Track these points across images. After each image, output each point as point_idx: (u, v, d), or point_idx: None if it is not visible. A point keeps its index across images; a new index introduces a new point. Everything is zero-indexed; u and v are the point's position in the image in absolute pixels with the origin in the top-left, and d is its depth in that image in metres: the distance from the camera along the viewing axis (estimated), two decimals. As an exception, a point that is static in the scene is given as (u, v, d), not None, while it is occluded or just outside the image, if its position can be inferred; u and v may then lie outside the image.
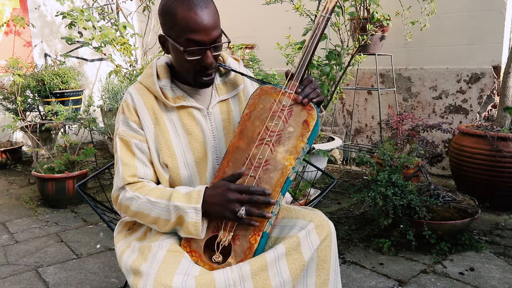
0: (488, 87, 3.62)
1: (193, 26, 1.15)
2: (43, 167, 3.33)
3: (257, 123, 1.24)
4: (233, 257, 1.16)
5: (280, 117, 1.23)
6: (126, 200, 1.25)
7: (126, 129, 1.29)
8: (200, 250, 1.19)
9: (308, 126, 1.21)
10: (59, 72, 4.34)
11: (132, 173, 1.26)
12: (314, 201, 1.77)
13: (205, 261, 1.18)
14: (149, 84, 1.30)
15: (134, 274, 1.14)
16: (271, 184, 1.18)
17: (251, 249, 1.15)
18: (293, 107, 1.23)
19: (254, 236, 1.16)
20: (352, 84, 4.30)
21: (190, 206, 1.16)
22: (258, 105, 1.26)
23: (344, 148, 4.30)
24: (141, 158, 1.28)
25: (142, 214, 1.23)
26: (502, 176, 2.87)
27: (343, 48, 2.82)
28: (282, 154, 1.20)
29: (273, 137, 1.22)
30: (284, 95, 1.25)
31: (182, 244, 1.22)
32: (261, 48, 4.84)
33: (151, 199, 1.21)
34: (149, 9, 3.89)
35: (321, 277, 1.19)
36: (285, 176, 1.18)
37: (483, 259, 2.32)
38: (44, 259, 2.46)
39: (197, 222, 1.15)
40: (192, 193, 1.18)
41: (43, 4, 5.17)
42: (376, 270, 2.24)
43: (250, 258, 1.14)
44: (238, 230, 1.18)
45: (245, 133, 1.24)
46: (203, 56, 1.20)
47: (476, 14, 3.62)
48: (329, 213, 3.03)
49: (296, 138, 1.21)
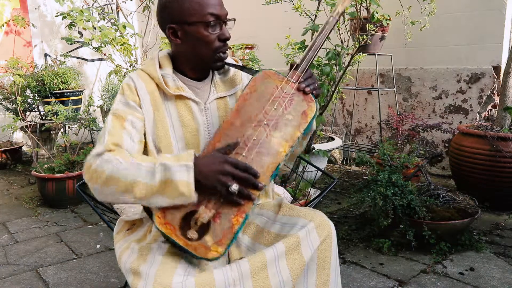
0: (488, 87, 3.62)
1: (210, 1, 1.24)
2: (43, 167, 3.33)
3: (256, 105, 1.23)
4: (211, 236, 1.11)
5: (280, 104, 1.23)
6: (103, 163, 1.13)
7: (123, 107, 1.27)
8: (176, 223, 1.12)
9: (307, 117, 1.22)
10: (59, 72, 4.34)
11: (117, 142, 1.19)
12: (314, 201, 1.77)
13: (179, 236, 1.11)
14: (151, 71, 1.31)
15: (134, 275, 1.14)
16: (263, 168, 1.16)
17: (232, 230, 1.11)
18: (294, 96, 1.24)
19: (237, 217, 1.12)
20: (352, 84, 4.30)
21: (182, 163, 1.11)
22: (260, 87, 1.25)
23: (344, 148, 4.30)
24: (132, 133, 1.23)
25: (117, 179, 1.11)
26: (502, 176, 2.87)
27: (343, 48, 2.82)
28: (278, 139, 1.19)
29: (271, 121, 1.20)
30: (287, 83, 1.25)
31: (156, 215, 1.13)
32: (261, 48, 4.84)
33: (134, 161, 1.13)
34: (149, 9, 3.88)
35: (322, 277, 1.20)
36: (277, 163, 1.18)
37: (483, 259, 2.32)
38: (44, 259, 2.46)
39: (189, 180, 1.09)
40: (181, 154, 1.15)
41: (43, 4, 5.17)
42: (376, 270, 2.24)
43: (228, 240, 1.10)
44: (221, 208, 1.13)
45: (242, 112, 1.22)
46: (221, 30, 1.27)
47: (476, 14, 3.62)
48: (329, 213, 3.03)
49: (294, 126, 1.21)
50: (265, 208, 1.37)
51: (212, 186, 1.12)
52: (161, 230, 1.11)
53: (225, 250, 1.11)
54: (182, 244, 1.10)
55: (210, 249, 1.10)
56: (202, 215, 1.12)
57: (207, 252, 1.10)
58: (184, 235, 1.11)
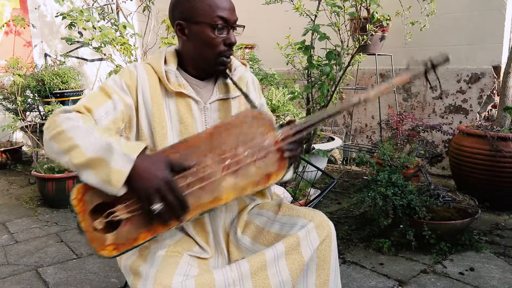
0: (488, 87, 3.61)
1: (221, 5, 1.25)
2: (43, 167, 3.33)
3: (231, 140, 1.15)
4: (114, 236, 1.07)
5: (253, 152, 1.15)
6: (65, 119, 1.12)
7: (114, 86, 1.26)
8: (89, 205, 1.09)
9: (268, 181, 1.14)
10: (59, 72, 4.33)
11: (89, 107, 1.18)
12: (314, 201, 1.77)
13: (86, 218, 1.08)
14: (156, 65, 1.31)
15: (134, 275, 1.14)
16: (197, 203, 1.10)
17: (134, 242, 1.07)
18: (271, 153, 1.15)
19: (146, 233, 1.07)
20: (352, 84, 4.30)
21: (125, 152, 1.05)
22: (245, 123, 1.17)
23: (344, 148, 4.30)
24: (108, 111, 1.21)
25: (65, 138, 1.08)
26: (502, 176, 2.87)
27: (343, 48, 2.82)
28: (228, 185, 1.12)
29: (234, 164, 1.13)
30: (272, 136, 1.17)
31: (77, 188, 1.11)
32: (261, 48, 4.84)
33: (89, 128, 1.10)
34: (149, 9, 3.88)
35: (321, 277, 1.20)
36: (212, 207, 1.11)
37: (483, 259, 2.32)
38: (44, 259, 2.46)
39: (122, 169, 1.04)
40: (132, 144, 1.10)
41: (43, 4, 5.17)
42: (376, 270, 2.24)
43: (125, 248, 1.07)
44: (138, 216, 1.08)
45: (215, 138, 1.15)
46: (228, 34, 1.27)
47: (476, 14, 3.62)
48: (329, 213, 3.03)
49: (250, 182, 1.13)
50: (265, 208, 1.37)
51: (138, 192, 1.06)
52: (73, 205, 1.10)
53: (117, 255, 1.08)
54: (83, 226, 1.08)
55: (105, 247, 1.07)
56: (117, 212, 1.08)
57: (101, 248, 1.07)
58: (91, 220, 1.08)
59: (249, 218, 1.34)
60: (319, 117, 1.22)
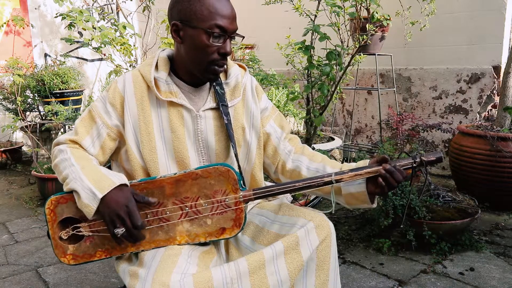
0: (488, 87, 3.61)
1: (222, 12, 1.20)
2: (43, 167, 3.33)
3: (195, 190, 1.20)
4: (74, 248, 1.21)
5: (213, 207, 1.20)
6: (58, 152, 1.29)
7: (99, 108, 1.31)
8: (59, 217, 1.21)
9: (222, 234, 1.21)
10: (59, 72, 4.33)
11: (76, 140, 1.30)
12: (314, 201, 1.77)
13: (54, 228, 1.21)
14: (145, 72, 1.29)
15: (131, 275, 1.13)
16: (151, 238, 1.20)
17: (91, 258, 1.21)
18: (229, 211, 1.20)
19: (102, 252, 1.21)
20: (352, 84, 4.29)
21: (93, 190, 1.15)
22: (212, 178, 1.20)
23: (344, 148, 4.30)
24: (94, 138, 1.30)
25: (58, 169, 1.27)
26: (502, 176, 2.87)
27: (343, 48, 2.81)
28: (183, 229, 1.20)
29: (192, 213, 1.20)
30: (235, 196, 1.20)
31: (51, 199, 1.23)
32: (261, 48, 4.84)
33: (74, 161, 1.23)
34: (149, 9, 3.88)
35: (321, 277, 1.19)
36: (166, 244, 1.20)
37: (483, 259, 2.32)
38: (44, 259, 2.46)
39: (91, 207, 1.15)
40: (105, 181, 1.17)
41: (43, 4, 5.17)
42: (376, 270, 2.24)
43: (82, 261, 1.21)
44: (99, 236, 1.20)
45: (180, 185, 1.21)
46: (223, 43, 1.22)
47: (476, 14, 3.62)
48: (329, 213, 3.03)
49: (204, 232, 1.20)
50: (264, 208, 1.37)
51: (103, 216, 1.15)
52: (45, 213, 1.22)
53: (75, 265, 1.23)
54: (51, 234, 1.21)
55: (66, 255, 1.21)
56: (82, 228, 1.20)
57: (61, 255, 1.22)
58: (58, 230, 1.21)
59: (249, 218, 1.34)
60: (280, 189, 1.23)
